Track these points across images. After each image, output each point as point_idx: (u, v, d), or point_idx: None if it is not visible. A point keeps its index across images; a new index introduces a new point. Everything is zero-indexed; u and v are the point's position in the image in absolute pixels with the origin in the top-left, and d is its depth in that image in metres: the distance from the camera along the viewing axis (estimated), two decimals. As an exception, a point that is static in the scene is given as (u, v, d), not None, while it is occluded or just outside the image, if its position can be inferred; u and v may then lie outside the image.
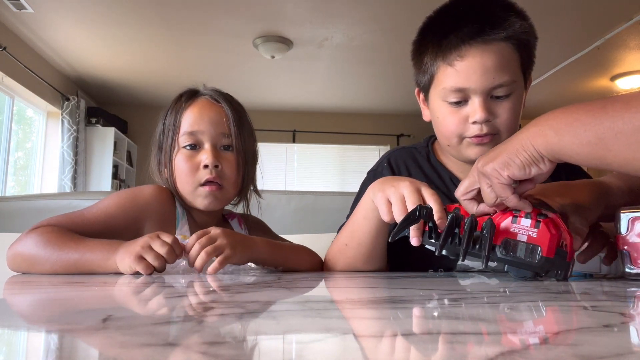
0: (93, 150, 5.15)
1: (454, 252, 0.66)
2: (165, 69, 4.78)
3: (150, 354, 0.20)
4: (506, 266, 0.64)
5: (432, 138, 1.09)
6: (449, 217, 0.65)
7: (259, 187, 1.07)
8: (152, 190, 0.94)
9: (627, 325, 0.29)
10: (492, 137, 0.89)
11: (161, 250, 0.72)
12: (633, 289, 0.53)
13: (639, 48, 4.26)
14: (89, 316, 0.32)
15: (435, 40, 0.90)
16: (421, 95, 1.01)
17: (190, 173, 0.92)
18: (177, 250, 0.74)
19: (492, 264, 0.65)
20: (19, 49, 4.01)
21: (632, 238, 0.67)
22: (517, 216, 0.64)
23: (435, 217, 0.67)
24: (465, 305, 0.38)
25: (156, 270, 0.73)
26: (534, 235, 0.62)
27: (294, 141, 6.34)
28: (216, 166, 0.92)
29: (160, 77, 4.98)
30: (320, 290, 0.50)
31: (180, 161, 0.93)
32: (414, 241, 0.69)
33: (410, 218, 0.66)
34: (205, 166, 0.91)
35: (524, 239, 0.63)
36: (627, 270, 0.67)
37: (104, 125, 5.21)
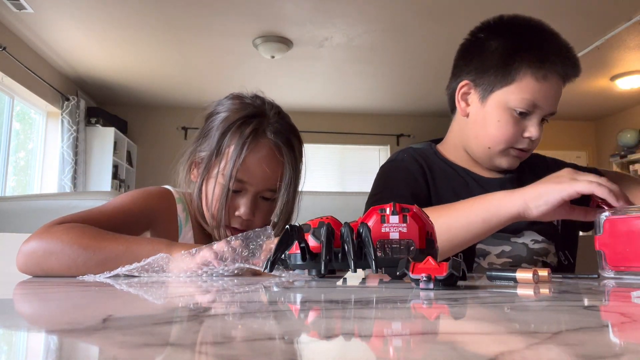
0: (93, 150, 5.14)
1: (332, 268, 0.64)
2: (165, 69, 4.78)
3: (150, 354, 0.20)
4: (384, 268, 0.62)
5: (433, 143, 1.12)
6: (324, 229, 0.62)
7: None
8: (160, 190, 0.98)
9: (627, 325, 0.29)
10: (526, 154, 0.99)
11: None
12: (633, 289, 0.53)
13: (639, 48, 4.26)
14: (89, 316, 0.32)
15: (533, 55, 0.93)
16: (473, 89, 1.00)
17: (224, 212, 0.90)
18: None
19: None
20: (19, 49, 4.01)
21: (607, 239, 0.68)
22: (384, 215, 0.63)
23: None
24: (465, 305, 0.38)
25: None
26: (405, 230, 0.62)
27: (293, 141, 6.33)
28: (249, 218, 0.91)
29: (160, 77, 4.98)
30: (321, 290, 0.50)
31: (219, 197, 0.90)
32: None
33: (284, 240, 0.62)
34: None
35: (397, 236, 0.62)
36: (600, 270, 0.69)
37: (103, 125, 5.21)
